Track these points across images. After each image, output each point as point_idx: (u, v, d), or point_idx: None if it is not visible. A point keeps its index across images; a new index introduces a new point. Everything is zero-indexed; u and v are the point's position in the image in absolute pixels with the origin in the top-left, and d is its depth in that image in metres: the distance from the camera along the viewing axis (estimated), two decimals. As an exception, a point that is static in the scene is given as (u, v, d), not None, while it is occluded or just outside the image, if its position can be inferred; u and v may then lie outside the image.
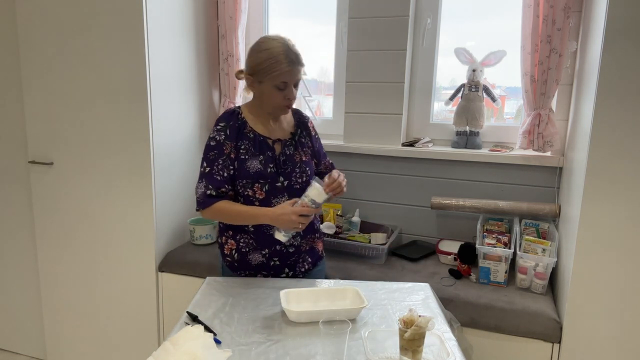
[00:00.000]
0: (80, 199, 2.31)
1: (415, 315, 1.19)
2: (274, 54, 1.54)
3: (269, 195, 1.64)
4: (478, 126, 2.26)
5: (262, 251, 1.69)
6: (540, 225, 2.12)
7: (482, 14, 2.28)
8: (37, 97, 2.28)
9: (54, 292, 2.47)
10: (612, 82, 1.50)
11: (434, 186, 2.34)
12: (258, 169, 1.63)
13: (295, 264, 1.75)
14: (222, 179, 1.62)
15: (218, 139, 1.63)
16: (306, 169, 1.71)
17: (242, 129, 1.65)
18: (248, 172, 1.62)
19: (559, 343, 1.71)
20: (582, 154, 1.66)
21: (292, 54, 1.55)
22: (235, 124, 1.65)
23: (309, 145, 1.77)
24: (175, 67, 2.27)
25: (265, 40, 1.59)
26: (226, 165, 1.62)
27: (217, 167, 1.62)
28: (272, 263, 1.71)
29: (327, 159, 1.91)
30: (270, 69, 1.54)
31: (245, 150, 1.63)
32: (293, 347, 1.28)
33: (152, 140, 2.15)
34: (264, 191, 1.64)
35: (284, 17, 2.63)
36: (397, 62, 2.27)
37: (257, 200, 1.64)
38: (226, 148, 1.62)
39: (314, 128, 1.84)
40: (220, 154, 1.62)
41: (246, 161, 1.63)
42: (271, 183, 1.64)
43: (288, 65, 1.54)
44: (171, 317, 2.29)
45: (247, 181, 1.62)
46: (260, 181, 1.63)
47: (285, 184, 1.66)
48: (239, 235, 1.69)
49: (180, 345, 1.21)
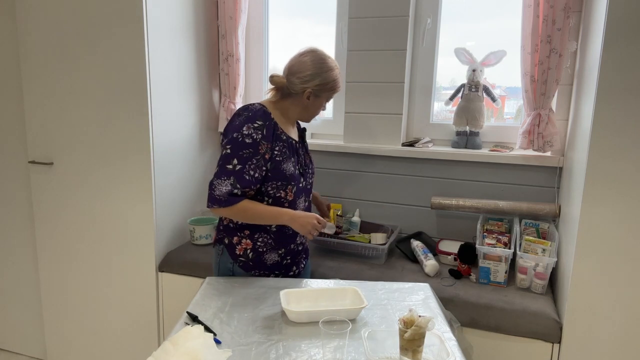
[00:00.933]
0: (80, 199, 2.31)
1: (415, 315, 1.19)
2: (338, 75, 1.70)
3: (296, 196, 1.70)
4: (478, 126, 2.26)
5: (278, 250, 1.73)
6: (540, 225, 2.12)
7: (482, 14, 2.28)
8: (37, 97, 2.28)
9: (54, 292, 2.47)
10: (612, 82, 1.50)
11: (434, 186, 2.34)
12: (292, 171, 1.67)
13: (300, 262, 1.83)
14: (251, 179, 1.59)
15: (255, 137, 1.58)
16: (314, 169, 1.84)
17: (275, 130, 1.65)
18: (284, 174, 1.64)
19: (559, 343, 1.71)
20: (582, 154, 1.66)
21: None
22: (270, 124, 1.63)
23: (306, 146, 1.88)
24: (175, 67, 2.27)
25: (328, 58, 1.69)
26: (259, 166, 1.59)
27: (249, 167, 1.58)
28: (285, 262, 1.76)
29: None
30: (334, 87, 1.69)
31: (279, 152, 1.64)
32: (293, 347, 1.28)
33: (152, 140, 2.15)
34: (293, 192, 1.68)
35: (284, 17, 2.63)
36: (397, 62, 2.27)
37: (287, 201, 1.68)
38: (262, 148, 1.59)
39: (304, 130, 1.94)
40: (254, 153, 1.58)
41: (282, 163, 1.64)
42: (297, 184, 1.70)
43: (340, 85, 1.73)
44: (171, 317, 2.29)
45: (282, 183, 1.64)
46: (292, 183, 1.67)
47: (304, 184, 1.75)
48: (257, 234, 1.69)
49: (180, 345, 1.21)
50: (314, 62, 1.66)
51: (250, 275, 1.72)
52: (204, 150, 2.55)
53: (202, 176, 2.56)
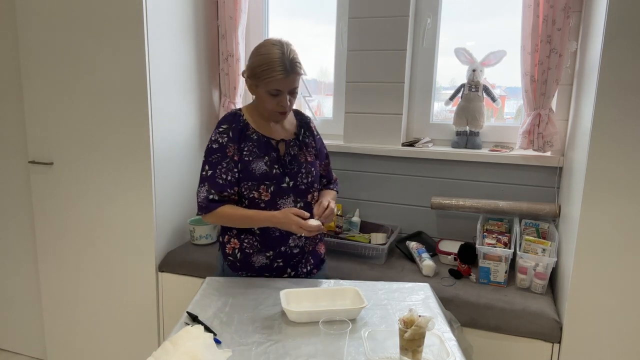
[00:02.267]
0: (80, 199, 2.31)
1: (415, 315, 1.19)
2: (269, 59, 1.50)
3: (275, 196, 1.62)
4: (478, 126, 2.26)
5: (266, 253, 1.68)
6: (540, 225, 2.12)
7: (482, 14, 2.28)
8: (37, 97, 2.28)
9: (54, 292, 2.47)
10: (612, 82, 1.50)
11: (434, 186, 2.34)
12: (264, 171, 1.61)
13: (298, 265, 1.74)
14: (225, 183, 1.60)
15: (221, 142, 1.61)
16: (312, 169, 1.69)
17: (244, 131, 1.63)
18: (253, 174, 1.60)
19: (559, 343, 1.71)
20: (582, 154, 1.66)
21: (287, 62, 1.50)
22: (237, 125, 1.63)
23: (312, 145, 1.75)
24: (175, 67, 2.27)
25: (264, 44, 1.55)
26: (230, 168, 1.60)
27: (220, 171, 1.60)
28: (276, 265, 1.70)
29: (326, 160, 1.86)
30: (264, 75, 1.51)
31: (248, 152, 1.61)
32: (293, 347, 1.28)
33: (152, 140, 2.15)
34: (269, 192, 1.62)
35: (284, 17, 2.63)
36: (397, 62, 2.27)
37: (263, 202, 1.62)
38: (229, 150, 1.60)
39: (315, 128, 1.82)
40: (223, 156, 1.60)
41: (251, 163, 1.60)
42: (277, 184, 1.62)
43: (281, 74, 1.50)
44: (171, 317, 2.29)
45: (252, 183, 1.60)
46: (266, 182, 1.61)
47: (291, 184, 1.64)
48: (243, 235, 1.68)
49: (180, 345, 1.21)
50: (253, 50, 1.57)
51: (237, 275, 1.71)
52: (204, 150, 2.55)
53: (202, 176, 2.55)
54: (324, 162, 1.84)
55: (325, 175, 1.86)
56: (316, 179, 1.72)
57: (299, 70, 1.54)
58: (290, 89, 1.56)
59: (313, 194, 1.71)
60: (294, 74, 1.53)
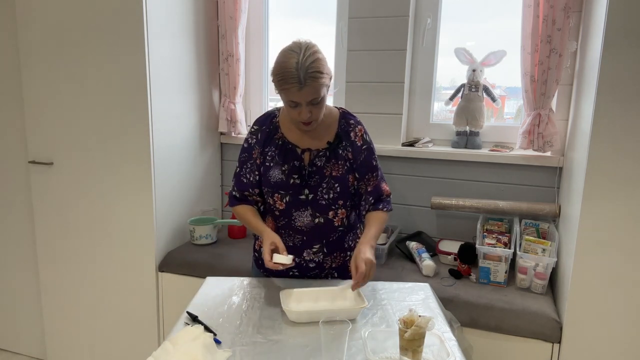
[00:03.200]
0: (80, 198, 2.31)
1: (415, 315, 1.19)
2: (283, 69, 1.38)
3: (290, 207, 1.57)
4: (478, 126, 2.26)
5: None
6: (540, 225, 2.11)
7: (482, 14, 2.28)
8: (37, 97, 2.28)
9: (54, 292, 2.47)
10: (612, 82, 1.50)
11: (434, 186, 2.33)
12: (279, 179, 1.55)
13: (317, 278, 1.67)
14: (248, 183, 1.61)
15: (250, 142, 1.61)
16: (335, 185, 1.55)
17: (272, 134, 1.59)
18: (269, 181, 1.58)
19: (559, 343, 1.71)
20: (582, 154, 1.66)
21: (302, 72, 1.36)
22: (267, 128, 1.60)
23: (347, 158, 1.58)
24: (175, 67, 2.27)
25: (284, 50, 1.42)
26: (252, 170, 1.60)
27: (245, 170, 1.61)
28: (291, 273, 1.67)
29: (371, 174, 1.62)
30: (279, 85, 1.41)
31: (270, 157, 1.57)
32: (293, 347, 1.28)
33: (152, 140, 2.15)
34: (284, 202, 1.57)
35: (284, 17, 2.63)
36: (397, 62, 2.27)
37: (277, 210, 1.60)
38: (254, 152, 1.60)
39: (362, 137, 1.60)
40: (249, 157, 1.61)
41: (269, 169, 1.57)
42: (293, 195, 1.56)
43: (294, 86, 1.38)
44: (171, 317, 2.29)
45: (267, 189, 1.60)
46: (281, 192, 1.56)
47: (310, 197, 1.56)
48: None
49: (180, 345, 1.21)
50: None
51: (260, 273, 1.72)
52: (204, 150, 2.55)
53: (202, 176, 2.56)
54: (367, 176, 1.62)
55: (371, 192, 1.63)
56: (342, 196, 1.58)
57: (316, 80, 1.39)
58: (308, 100, 1.42)
59: (336, 211, 1.59)
60: (309, 86, 1.39)
